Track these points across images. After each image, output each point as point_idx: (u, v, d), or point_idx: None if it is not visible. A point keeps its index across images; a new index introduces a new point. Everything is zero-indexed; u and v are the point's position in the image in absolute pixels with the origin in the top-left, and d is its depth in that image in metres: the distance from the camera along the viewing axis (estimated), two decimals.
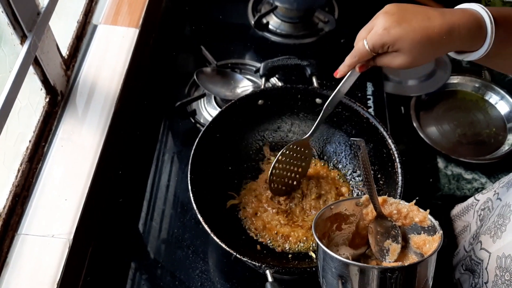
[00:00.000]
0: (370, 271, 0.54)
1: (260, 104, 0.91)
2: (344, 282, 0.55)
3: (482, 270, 0.80)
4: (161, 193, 0.97)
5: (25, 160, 0.81)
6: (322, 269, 0.59)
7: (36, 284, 0.72)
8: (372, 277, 0.54)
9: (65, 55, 0.94)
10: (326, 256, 0.58)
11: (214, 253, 0.91)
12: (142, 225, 0.93)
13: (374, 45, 0.68)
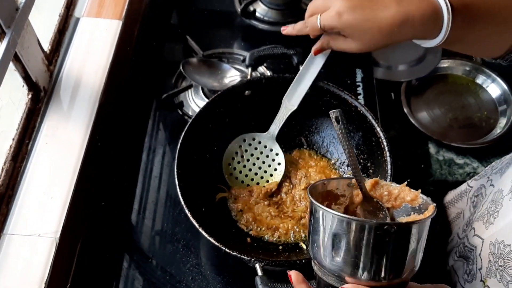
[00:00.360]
0: (367, 226, 0.52)
1: (247, 94, 0.90)
2: (338, 242, 0.54)
3: (476, 256, 0.80)
4: (150, 187, 0.96)
5: (9, 159, 0.79)
6: (313, 232, 0.57)
7: (24, 284, 0.71)
8: (369, 233, 0.52)
9: (47, 50, 0.92)
10: (320, 214, 0.55)
11: (205, 246, 0.90)
12: (132, 220, 0.92)
13: (324, 25, 0.71)
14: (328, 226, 0.54)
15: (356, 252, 0.53)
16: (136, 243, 0.90)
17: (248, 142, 0.91)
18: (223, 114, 0.89)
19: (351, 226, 0.53)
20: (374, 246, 0.52)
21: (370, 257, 0.53)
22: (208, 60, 1.08)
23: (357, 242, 0.52)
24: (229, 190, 0.89)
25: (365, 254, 0.52)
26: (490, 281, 0.73)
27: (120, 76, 1.00)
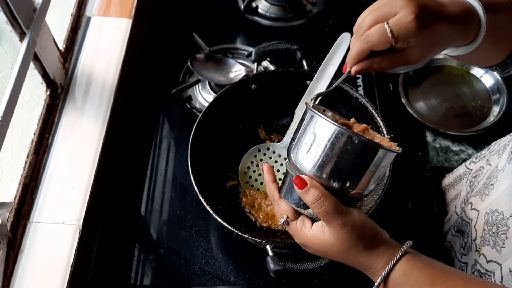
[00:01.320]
0: (342, 132, 0.58)
1: (253, 88, 0.95)
2: (313, 140, 0.61)
3: (471, 228, 0.86)
4: (161, 177, 1.01)
5: (31, 152, 0.84)
6: (297, 130, 0.64)
7: (51, 268, 0.77)
8: (340, 139, 0.59)
9: (62, 48, 0.97)
10: (309, 116, 0.62)
11: (216, 232, 0.95)
12: (146, 209, 0.97)
13: (399, 35, 0.57)
14: (311, 126, 0.61)
15: (324, 152, 0.60)
16: (151, 230, 0.95)
17: (263, 152, 0.94)
18: (232, 107, 0.94)
19: (329, 129, 0.59)
20: (341, 151, 0.59)
21: (333, 159, 0.60)
22: (214, 56, 1.13)
23: (329, 144, 0.59)
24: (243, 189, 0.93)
25: (330, 155, 0.60)
26: (484, 249, 0.78)
27: (131, 72, 1.05)
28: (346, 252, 0.62)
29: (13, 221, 0.78)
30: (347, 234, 0.61)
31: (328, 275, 0.90)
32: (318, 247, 0.64)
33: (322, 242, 0.62)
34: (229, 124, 0.94)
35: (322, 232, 0.62)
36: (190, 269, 0.91)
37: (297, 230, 0.65)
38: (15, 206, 0.79)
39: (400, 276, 0.59)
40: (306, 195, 0.61)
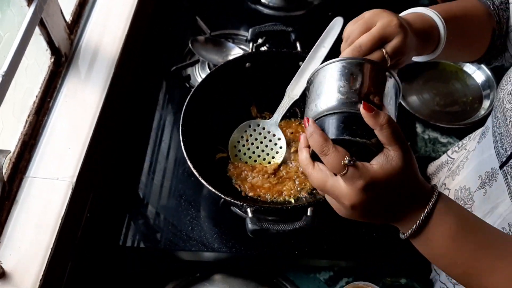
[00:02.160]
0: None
1: (248, 66, 0.99)
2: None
3: None
4: (157, 149, 1.06)
5: (32, 113, 0.89)
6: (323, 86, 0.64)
7: (42, 220, 0.81)
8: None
9: (68, 20, 1.02)
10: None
11: (204, 202, 1.00)
12: (142, 177, 1.02)
13: (393, 57, 0.67)
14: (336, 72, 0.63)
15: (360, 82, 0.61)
16: (142, 197, 0.99)
17: (253, 128, 0.99)
18: (226, 83, 0.98)
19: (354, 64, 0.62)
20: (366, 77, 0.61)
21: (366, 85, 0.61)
22: (214, 39, 1.18)
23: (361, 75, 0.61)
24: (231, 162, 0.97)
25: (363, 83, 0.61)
26: None
27: (134, 47, 1.10)
28: (408, 181, 0.58)
29: (10, 174, 0.83)
30: (411, 156, 0.58)
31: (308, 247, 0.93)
32: (384, 183, 0.57)
33: (390, 171, 0.57)
34: (223, 99, 0.99)
35: (388, 160, 0.57)
36: (176, 235, 0.95)
37: (361, 170, 0.57)
38: (13, 160, 0.83)
39: (442, 208, 0.59)
40: (378, 117, 0.56)
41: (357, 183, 0.56)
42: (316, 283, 0.98)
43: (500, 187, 0.73)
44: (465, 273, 0.60)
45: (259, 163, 0.96)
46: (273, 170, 0.95)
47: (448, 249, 0.60)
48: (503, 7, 0.82)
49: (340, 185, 0.58)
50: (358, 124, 0.58)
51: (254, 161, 0.97)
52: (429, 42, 0.74)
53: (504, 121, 0.73)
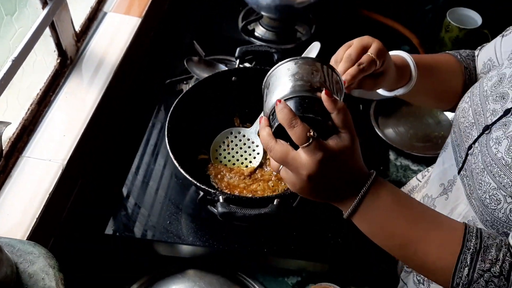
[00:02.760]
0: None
1: (234, 80, 1.09)
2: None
3: None
4: (150, 151, 1.14)
5: (35, 102, 0.99)
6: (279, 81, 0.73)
7: (32, 194, 0.89)
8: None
9: (77, 30, 1.14)
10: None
11: (183, 200, 1.06)
12: (128, 174, 1.09)
13: (380, 56, 0.80)
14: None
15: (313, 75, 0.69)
16: (128, 192, 1.06)
17: (234, 135, 1.09)
18: (213, 92, 1.08)
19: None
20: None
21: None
22: (207, 60, 1.30)
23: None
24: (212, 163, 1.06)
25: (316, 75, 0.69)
26: None
27: (134, 61, 1.22)
28: (353, 161, 0.66)
29: (8, 151, 0.91)
30: (357, 141, 0.66)
31: (276, 246, 0.99)
32: (337, 158, 0.64)
33: (342, 149, 0.64)
34: (209, 107, 1.08)
35: (341, 140, 0.65)
36: (155, 227, 1.01)
37: (321, 144, 0.64)
38: (13, 140, 0.92)
39: (378, 185, 0.67)
40: (336, 103, 0.64)
41: (317, 154, 0.63)
42: (284, 287, 1.03)
43: (459, 190, 0.82)
44: (401, 244, 0.68)
45: (237, 166, 1.05)
46: (249, 172, 1.03)
47: (385, 222, 0.68)
48: (470, 58, 0.97)
49: (300, 156, 0.65)
50: (318, 106, 0.66)
51: (233, 164, 1.05)
52: (402, 75, 0.88)
53: (459, 133, 0.83)
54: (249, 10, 1.52)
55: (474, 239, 0.65)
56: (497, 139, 0.72)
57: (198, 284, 0.98)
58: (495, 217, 0.71)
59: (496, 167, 0.70)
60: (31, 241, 0.66)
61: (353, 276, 1.04)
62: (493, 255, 0.64)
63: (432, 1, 1.61)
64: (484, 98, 0.79)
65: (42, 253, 0.61)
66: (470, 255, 0.64)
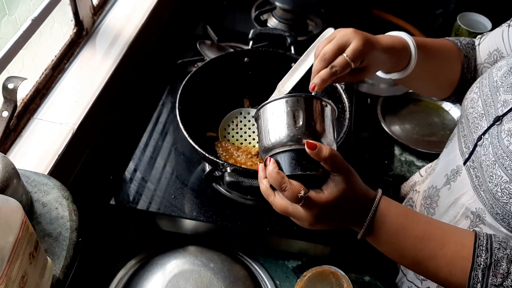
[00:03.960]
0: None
1: (246, 61, 1.10)
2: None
3: (414, 208, 0.98)
4: (159, 128, 1.15)
5: (49, 68, 1.00)
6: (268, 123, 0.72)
7: (41, 156, 0.89)
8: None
9: (95, 4, 1.15)
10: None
11: (189, 177, 1.07)
12: (137, 149, 1.09)
13: (355, 59, 0.77)
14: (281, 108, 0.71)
15: (306, 118, 0.69)
16: (136, 166, 1.07)
17: (243, 115, 1.10)
18: (225, 72, 1.09)
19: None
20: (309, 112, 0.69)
21: (314, 121, 0.69)
22: (219, 44, 1.31)
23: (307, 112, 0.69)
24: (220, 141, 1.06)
25: (310, 119, 0.69)
26: None
27: (148, 39, 1.23)
28: (352, 197, 0.68)
29: (20, 112, 0.92)
30: (352, 177, 0.68)
31: (279, 226, 1.00)
32: (333, 205, 0.67)
33: (337, 194, 0.67)
34: (220, 86, 1.09)
35: (334, 185, 0.67)
36: (159, 201, 1.01)
37: (314, 199, 0.67)
38: (25, 101, 0.93)
39: (383, 210, 0.70)
40: (321, 153, 0.66)
41: (313, 209, 0.67)
42: (284, 269, 1.03)
43: (464, 180, 0.82)
44: (413, 262, 0.71)
45: (245, 145, 1.05)
46: (256, 152, 1.04)
47: (394, 245, 0.71)
48: (470, 46, 0.96)
49: (299, 211, 0.68)
50: (307, 158, 0.68)
51: (241, 144, 1.06)
52: (400, 58, 0.86)
53: (467, 123, 0.83)
54: (262, 2, 1.54)
55: (484, 254, 0.66)
56: (509, 131, 0.71)
57: (199, 259, 0.98)
58: (506, 211, 0.70)
59: (508, 159, 0.69)
60: (46, 174, 0.66)
61: (354, 262, 1.04)
62: (504, 269, 0.64)
63: (443, 6, 1.63)
64: (494, 89, 0.79)
65: (56, 185, 0.62)
66: (481, 271, 0.65)
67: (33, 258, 0.46)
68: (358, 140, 1.31)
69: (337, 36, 0.79)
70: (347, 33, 0.79)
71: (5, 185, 0.53)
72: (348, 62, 0.77)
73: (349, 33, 0.79)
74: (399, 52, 0.85)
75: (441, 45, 0.95)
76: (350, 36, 0.78)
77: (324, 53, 0.78)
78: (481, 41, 0.95)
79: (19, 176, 0.57)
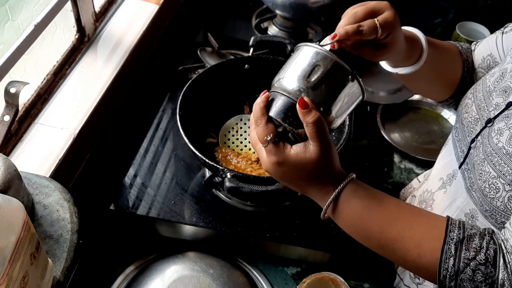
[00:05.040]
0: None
1: (246, 68, 1.11)
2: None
3: None
4: (155, 133, 1.15)
5: (51, 73, 1.01)
6: (291, 63, 0.70)
7: (42, 160, 0.89)
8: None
9: (97, 10, 1.16)
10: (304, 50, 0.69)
11: (189, 183, 1.07)
12: (136, 155, 1.10)
13: (385, 28, 0.72)
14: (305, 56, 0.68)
15: (314, 76, 0.66)
16: (136, 172, 1.07)
17: (244, 122, 1.10)
18: (225, 79, 1.09)
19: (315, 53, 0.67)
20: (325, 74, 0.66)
21: (321, 83, 0.66)
22: (220, 52, 1.32)
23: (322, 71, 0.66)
24: (219, 145, 1.07)
25: (318, 79, 0.66)
26: None
27: (149, 45, 1.24)
28: (318, 172, 0.68)
29: (21, 116, 0.92)
30: (329, 153, 0.68)
31: (279, 232, 1.00)
32: (294, 166, 0.68)
33: (302, 160, 0.67)
34: (220, 92, 1.10)
35: (305, 151, 0.67)
36: (159, 206, 1.01)
37: (278, 149, 0.67)
38: (27, 106, 0.93)
39: (349, 192, 0.69)
40: (307, 115, 0.65)
41: (272, 157, 0.68)
42: (283, 276, 1.03)
43: (459, 184, 0.83)
44: (379, 245, 0.70)
45: (245, 152, 1.06)
46: (256, 158, 1.04)
47: (359, 226, 0.71)
48: (469, 52, 0.97)
49: (262, 152, 0.70)
50: (294, 113, 0.66)
51: (241, 150, 1.06)
52: (413, 50, 0.84)
53: (462, 128, 0.84)
54: (262, 10, 1.55)
55: (457, 230, 0.66)
56: (499, 130, 0.73)
57: (199, 265, 0.98)
58: (493, 206, 0.72)
59: (497, 156, 0.71)
60: (47, 177, 0.66)
61: (353, 269, 1.04)
62: (477, 243, 0.64)
63: (442, 15, 1.64)
64: (487, 94, 0.81)
65: (57, 188, 0.62)
66: (454, 245, 0.64)
67: (34, 258, 0.46)
68: (357, 148, 1.31)
69: (371, 2, 0.75)
70: (382, 2, 0.76)
71: (7, 187, 0.53)
72: (377, 26, 0.72)
73: (384, 4, 0.75)
74: (413, 43, 0.83)
75: (446, 46, 0.95)
76: (384, 6, 0.75)
77: (355, 12, 0.73)
78: (476, 47, 0.96)
79: (20, 178, 0.57)
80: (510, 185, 0.68)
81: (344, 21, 0.73)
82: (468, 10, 1.60)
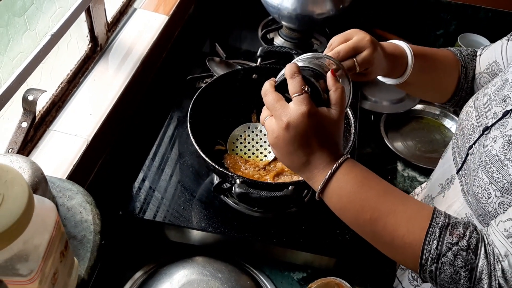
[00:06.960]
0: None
1: (254, 78, 1.14)
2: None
3: None
4: (167, 140, 1.18)
5: (65, 81, 1.04)
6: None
7: (57, 166, 0.92)
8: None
9: (109, 20, 1.20)
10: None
11: (198, 189, 1.10)
12: (145, 161, 1.13)
13: (362, 66, 0.85)
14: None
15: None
16: (145, 177, 1.10)
17: (251, 129, 1.13)
18: (233, 88, 1.12)
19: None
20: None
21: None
22: (228, 62, 1.35)
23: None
24: (228, 152, 1.10)
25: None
26: None
27: (159, 55, 1.27)
28: (332, 136, 0.72)
29: (37, 123, 0.95)
30: (342, 125, 0.73)
31: (286, 237, 1.02)
32: (318, 121, 0.70)
33: (327, 119, 0.71)
34: (228, 101, 1.12)
35: (329, 112, 0.71)
36: (168, 211, 1.04)
37: (310, 102, 0.69)
38: (42, 113, 0.96)
39: (350, 163, 0.72)
40: (336, 82, 0.73)
41: (303, 107, 0.69)
42: (290, 281, 1.05)
43: (456, 188, 0.86)
44: (371, 218, 0.71)
45: (253, 159, 1.08)
46: (264, 165, 1.07)
47: (355, 196, 0.71)
48: (470, 58, 1.01)
49: (288, 105, 0.70)
50: (322, 82, 0.74)
51: (248, 157, 1.09)
52: (397, 65, 0.92)
53: (461, 135, 0.88)
54: (268, 21, 1.59)
55: (442, 216, 0.69)
56: (493, 138, 0.76)
57: (207, 269, 1.00)
58: (485, 211, 0.74)
59: (490, 163, 0.73)
60: (70, 180, 0.69)
61: (359, 274, 1.06)
62: (461, 231, 0.67)
63: (444, 27, 1.67)
64: (487, 102, 0.84)
65: (80, 191, 0.65)
66: (439, 229, 0.67)
67: (63, 256, 0.48)
68: (361, 156, 1.34)
69: (354, 39, 0.85)
70: (364, 40, 0.85)
71: (35, 189, 0.56)
72: (355, 66, 0.84)
73: (366, 41, 0.85)
74: (397, 60, 0.91)
75: (440, 56, 1.00)
76: (365, 44, 0.85)
77: (338, 51, 0.84)
78: (482, 52, 1.00)
79: (46, 180, 0.60)
80: (500, 191, 0.71)
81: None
82: (470, 22, 1.63)
